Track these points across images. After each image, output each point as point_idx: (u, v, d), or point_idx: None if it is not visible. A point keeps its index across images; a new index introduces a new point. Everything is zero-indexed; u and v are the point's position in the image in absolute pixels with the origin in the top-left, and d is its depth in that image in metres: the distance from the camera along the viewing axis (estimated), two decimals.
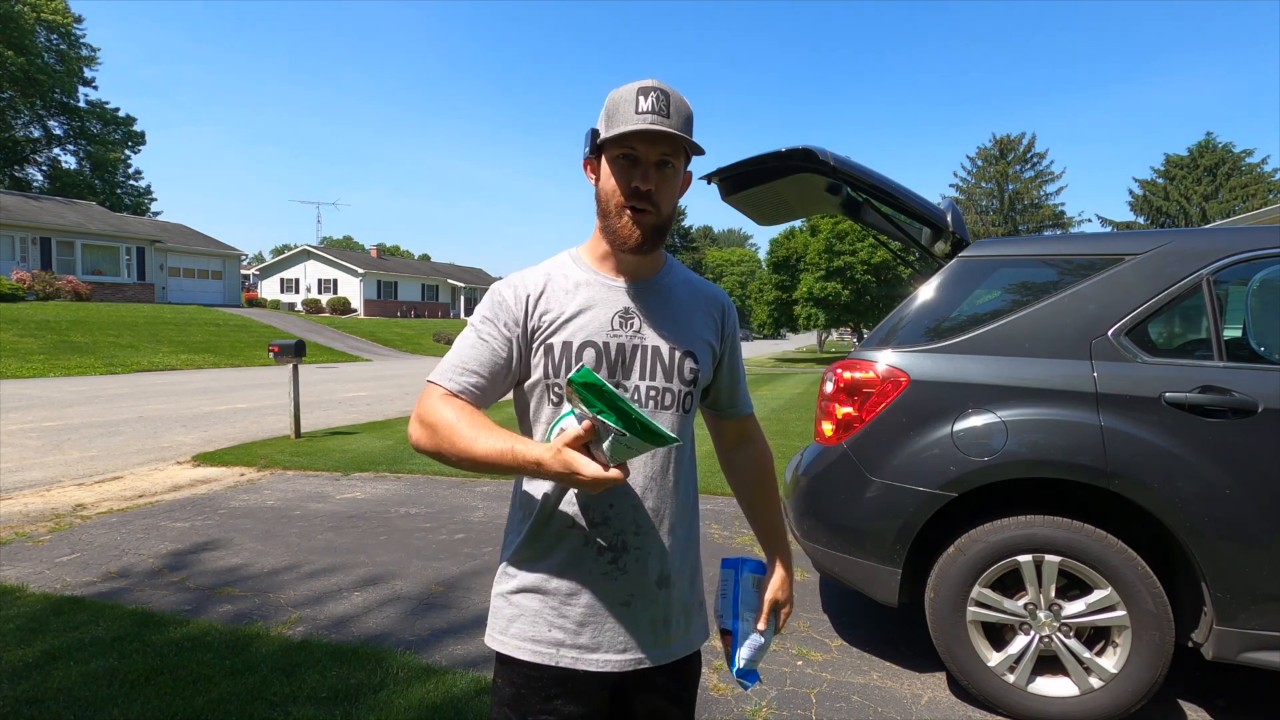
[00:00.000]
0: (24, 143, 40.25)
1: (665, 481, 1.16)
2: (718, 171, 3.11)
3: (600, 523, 1.12)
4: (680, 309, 1.20)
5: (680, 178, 1.14)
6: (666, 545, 1.16)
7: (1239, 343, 2.41)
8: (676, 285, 1.22)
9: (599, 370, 1.11)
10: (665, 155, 1.09)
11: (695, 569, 1.25)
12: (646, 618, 1.15)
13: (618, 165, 1.09)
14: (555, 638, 1.12)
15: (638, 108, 1.05)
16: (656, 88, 1.07)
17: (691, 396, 1.18)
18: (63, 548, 4.18)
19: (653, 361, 1.14)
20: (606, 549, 1.12)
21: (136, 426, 8.86)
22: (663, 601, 1.16)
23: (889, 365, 2.69)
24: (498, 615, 1.17)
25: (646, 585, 1.14)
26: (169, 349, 20.13)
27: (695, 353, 1.18)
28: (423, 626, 3.14)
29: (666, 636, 1.17)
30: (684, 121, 1.09)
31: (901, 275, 29.43)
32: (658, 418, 1.13)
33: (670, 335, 1.16)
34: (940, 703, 2.55)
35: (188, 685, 2.55)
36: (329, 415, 10.17)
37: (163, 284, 32.13)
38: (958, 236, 2.93)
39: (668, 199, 1.12)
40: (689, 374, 1.16)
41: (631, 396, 1.12)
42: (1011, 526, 2.43)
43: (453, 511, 5.10)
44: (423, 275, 48.58)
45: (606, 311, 1.15)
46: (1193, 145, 43.58)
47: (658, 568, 1.15)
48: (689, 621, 1.22)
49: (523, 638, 1.13)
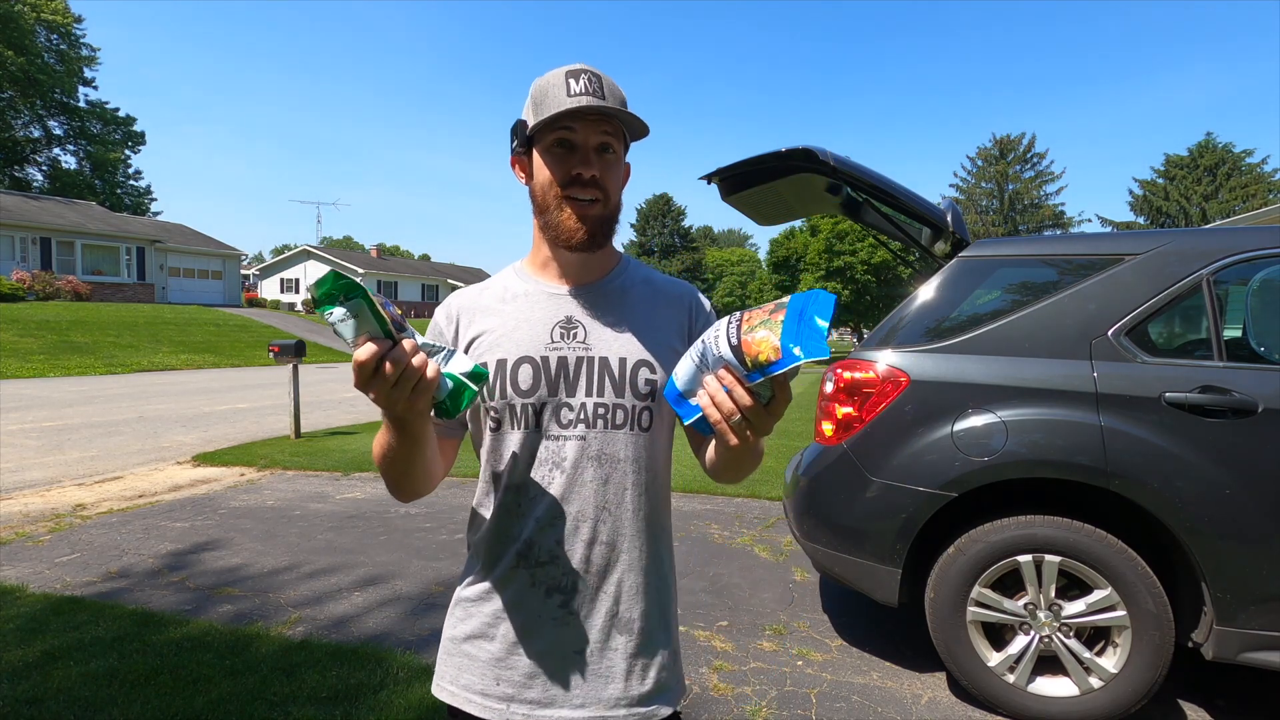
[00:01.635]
0: (24, 143, 40.21)
1: (622, 510, 1.01)
2: (718, 171, 3.11)
3: (548, 561, 0.99)
4: (636, 313, 1.06)
5: (623, 165, 1.04)
6: (627, 585, 1.02)
7: (1239, 343, 2.41)
8: (632, 286, 1.09)
9: (537, 389, 1.00)
10: (606, 136, 0.99)
11: (664, 612, 1.07)
12: (605, 669, 1.00)
13: (553, 154, 0.99)
14: (504, 692, 1.00)
15: (569, 90, 0.96)
16: (586, 70, 0.98)
17: (650, 412, 1.03)
18: (63, 548, 4.18)
19: (600, 374, 1.01)
20: (555, 590, 0.99)
21: (136, 426, 8.86)
22: (625, 651, 1.01)
23: (889, 365, 2.69)
24: (446, 663, 1.06)
25: (603, 632, 1.01)
26: (169, 349, 20.13)
27: (653, 362, 1.03)
28: (423, 626, 3.14)
29: (632, 692, 1.01)
30: (619, 103, 0.99)
31: (901, 275, 29.47)
32: (610, 440, 1.01)
33: (621, 343, 1.03)
34: (940, 703, 2.55)
35: (188, 685, 2.55)
36: (329, 415, 10.17)
37: (163, 284, 32.11)
38: (958, 236, 2.93)
39: (614, 186, 1.02)
40: (644, 386, 1.02)
41: (578, 416, 1.01)
42: (1011, 526, 2.43)
43: (453, 511, 5.10)
44: (423, 275, 48.59)
45: (545, 323, 1.03)
46: (1193, 145, 43.59)
47: (616, 611, 1.01)
48: (659, 675, 1.04)
49: (472, 690, 1.02)
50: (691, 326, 1.10)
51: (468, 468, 6.48)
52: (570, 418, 1.01)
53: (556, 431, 1.01)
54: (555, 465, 1.01)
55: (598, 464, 1.00)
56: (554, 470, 1.01)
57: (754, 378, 0.81)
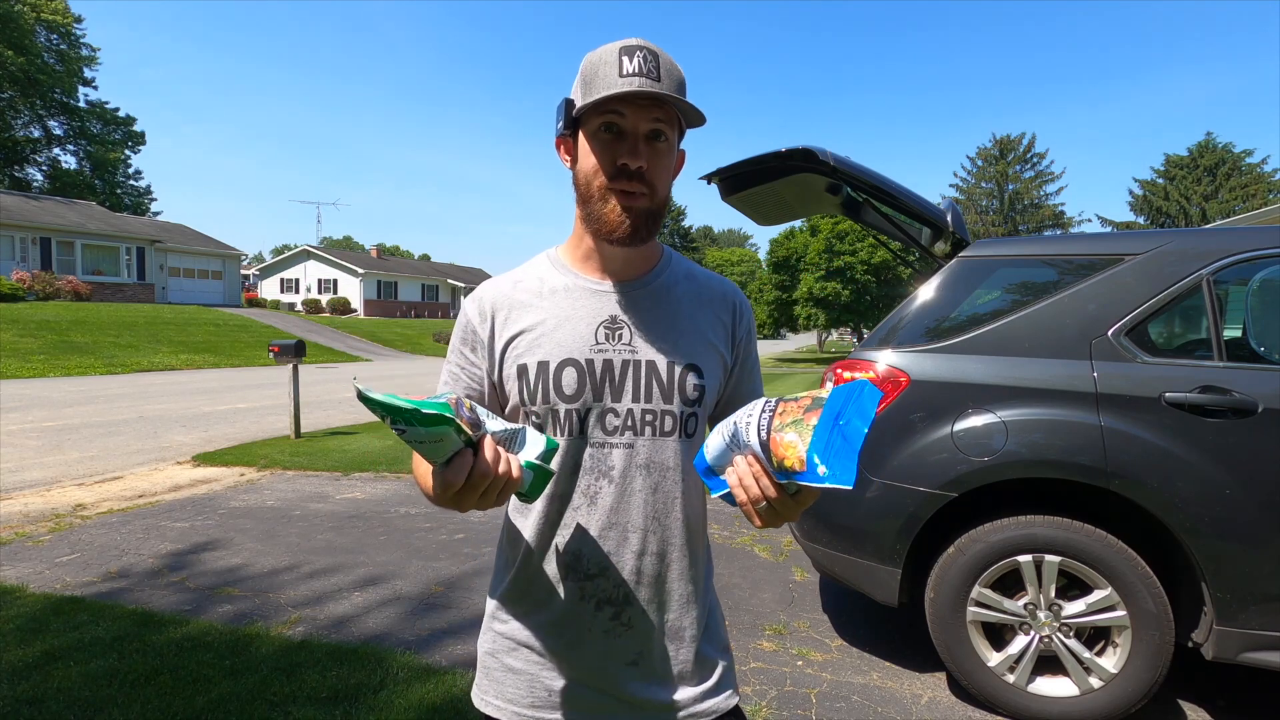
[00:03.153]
0: (24, 143, 40.22)
1: (671, 519, 0.99)
2: (718, 171, 3.11)
3: (598, 574, 0.97)
4: (681, 313, 1.01)
5: (675, 154, 0.96)
6: (678, 594, 1.00)
7: (1239, 343, 2.41)
8: (676, 284, 1.03)
9: (581, 394, 0.95)
10: (658, 123, 0.90)
11: (713, 614, 1.07)
12: (659, 678, 0.99)
13: (599, 140, 0.91)
14: (554, 702, 0.98)
15: (622, 70, 0.87)
16: (643, 46, 0.88)
17: (695, 418, 1.00)
18: (63, 548, 4.18)
19: (648, 379, 0.96)
20: (606, 603, 0.97)
21: (136, 426, 8.86)
22: (679, 659, 1.00)
23: (889, 365, 2.69)
24: (489, 674, 1.03)
25: (657, 642, 0.99)
26: (169, 349, 20.12)
27: (700, 366, 0.99)
28: (423, 626, 3.14)
29: (687, 697, 1.00)
30: (677, 85, 0.90)
31: (901, 275, 29.45)
32: (659, 448, 0.97)
33: (669, 346, 0.98)
34: (940, 703, 2.55)
35: (188, 685, 2.55)
36: (329, 415, 10.17)
37: (163, 284, 32.13)
38: (958, 236, 2.93)
39: (662, 179, 0.94)
40: (692, 392, 0.97)
41: (625, 423, 0.96)
42: (1011, 526, 2.43)
43: (453, 511, 5.09)
44: (423, 275, 48.58)
45: (589, 322, 0.97)
46: (1193, 145, 43.53)
47: (668, 620, 1.00)
48: (716, 677, 1.03)
49: (519, 704, 0.99)
50: (735, 328, 1.06)
51: None
52: (616, 424, 0.96)
53: (601, 438, 0.96)
54: (602, 474, 0.97)
55: (646, 473, 0.97)
56: (600, 480, 0.97)
57: (780, 477, 0.77)
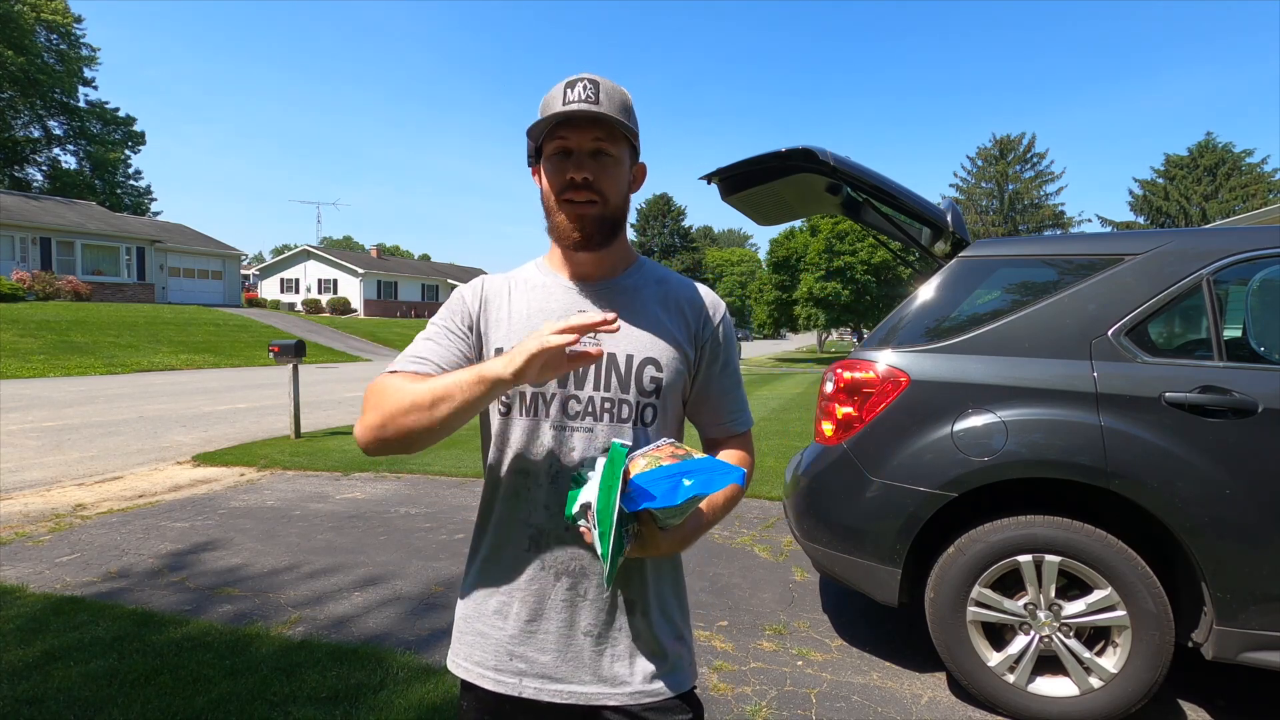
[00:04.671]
0: (24, 143, 40.21)
1: None
2: (717, 171, 3.11)
3: (556, 546, 1.05)
4: (645, 311, 1.11)
5: (624, 167, 1.07)
6: (634, 569, 1.07)
7: (1239, 343, 2.41)
8: (644, 286, 1.14)
9: None
10: (599, 142, 1.03)
11: (673, 594, 1.13)
12: (613, 649, 1.06)
13: (552, 163, 1.05)
14: (517, 667, 1.06)
15: (565, 99, 1.01)
16: (585, 78, 1.03)
17: (652, 409, 1.08)
18: (63, 548, 4.18)
19: (608, 370, 1.06)
20: (564, 574, 1.05)
21: (136, 426, 8.86)
22: (632, 632, 1.07)
23: (889, 365, 2.69)
24: (461, 638, 1.12)
25: (611, 614, 1.06)
26: (169, 349, 20.12)
27: (659, 360, 1.08)
28: (423, 626, 3.14)
29: (640, 671, 1.06)
30: (618, 107, 1.03)
31: (901, 275, 29.44)
32: (616, 433, 1.05)
33: (630, 340, 1.08)
34: (940, 703, 2.55)
35: (188, 685, 2.55)
36: (329, 415, 10.16)
37: (163, 284, 32.11)
38: (958, 236, 2.93)
39: (611, 188, 1.05)
40: (649, 384, 1.07)
41: (585, 409, 1.06)
42: (1011, 526, 2.43)
43: (453, 511, 5.10)
44: (423, 275, 48.57)
45: (559, 314, 1.08)
46: (1193, 145, 43.56)
47: (624, 594, 1.07)
48: (668, 656, 1.09)
49: (485, 666, 1.07)
50: (700, 329, 1.15)
51: (468, 468, 6.48)
52: (578, 409, 1.06)
53: (564, 422, 1.06)
54: (564, 455, 1.06)
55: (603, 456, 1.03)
56: (562, 460, 1.06)
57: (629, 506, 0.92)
